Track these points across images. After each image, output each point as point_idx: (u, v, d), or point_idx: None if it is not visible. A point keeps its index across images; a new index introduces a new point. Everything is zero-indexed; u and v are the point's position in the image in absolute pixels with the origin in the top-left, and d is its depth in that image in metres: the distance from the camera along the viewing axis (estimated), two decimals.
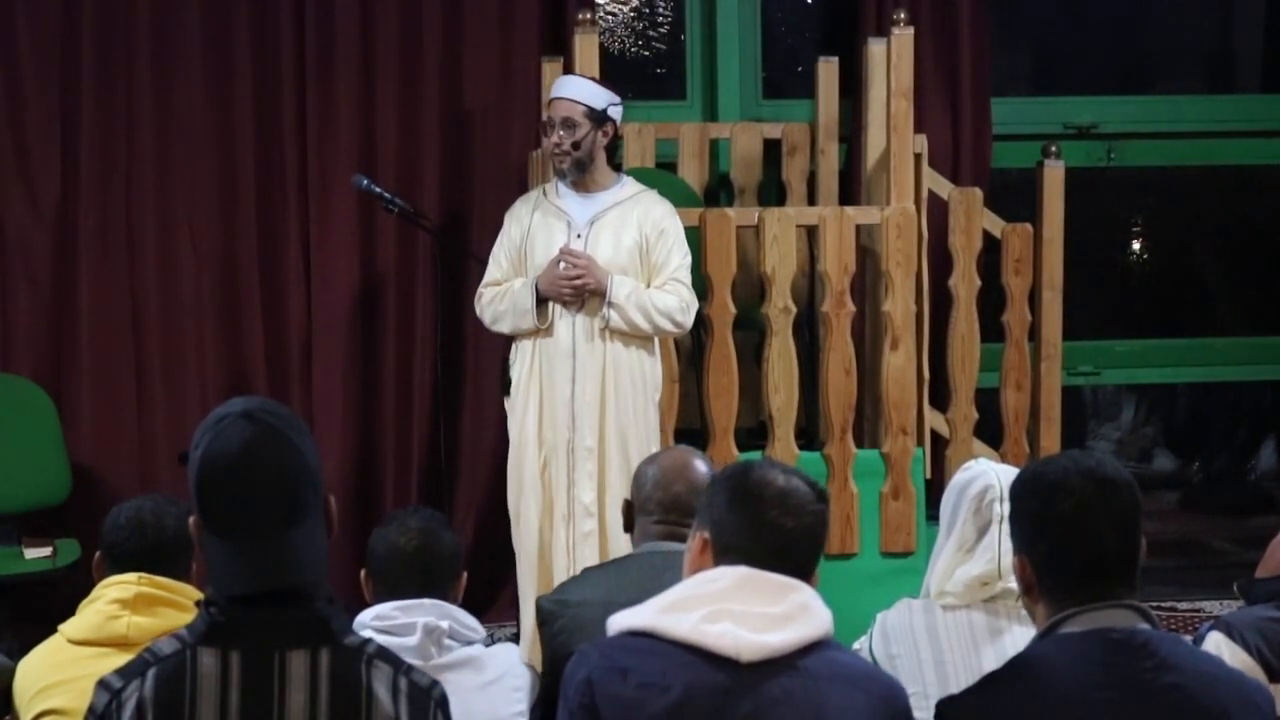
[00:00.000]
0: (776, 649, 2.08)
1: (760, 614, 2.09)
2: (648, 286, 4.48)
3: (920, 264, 5.09)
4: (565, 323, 4.46)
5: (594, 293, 4.42)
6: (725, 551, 2.17)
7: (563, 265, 4.41)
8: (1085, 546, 2.11)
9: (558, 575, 4.42)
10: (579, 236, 4.49)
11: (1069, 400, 5.81)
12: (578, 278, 4.39)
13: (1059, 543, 2.12)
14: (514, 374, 4.52)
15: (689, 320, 4.54)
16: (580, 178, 4.51)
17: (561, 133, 4.47)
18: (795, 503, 2.18)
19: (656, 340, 4.57)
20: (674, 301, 4.47)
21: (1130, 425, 7.86)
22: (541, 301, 4.44)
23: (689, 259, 4.57)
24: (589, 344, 4.45)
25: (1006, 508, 2.41)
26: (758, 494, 2.18)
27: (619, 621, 2.16)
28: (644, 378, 4.52)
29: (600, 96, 4.52)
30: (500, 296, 4.52)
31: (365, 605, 2.81)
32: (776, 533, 2.16)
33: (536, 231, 4.54)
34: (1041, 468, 2.20)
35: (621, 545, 4.42)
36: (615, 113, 4.55)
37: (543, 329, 4.46)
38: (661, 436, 4.66)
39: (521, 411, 4.51)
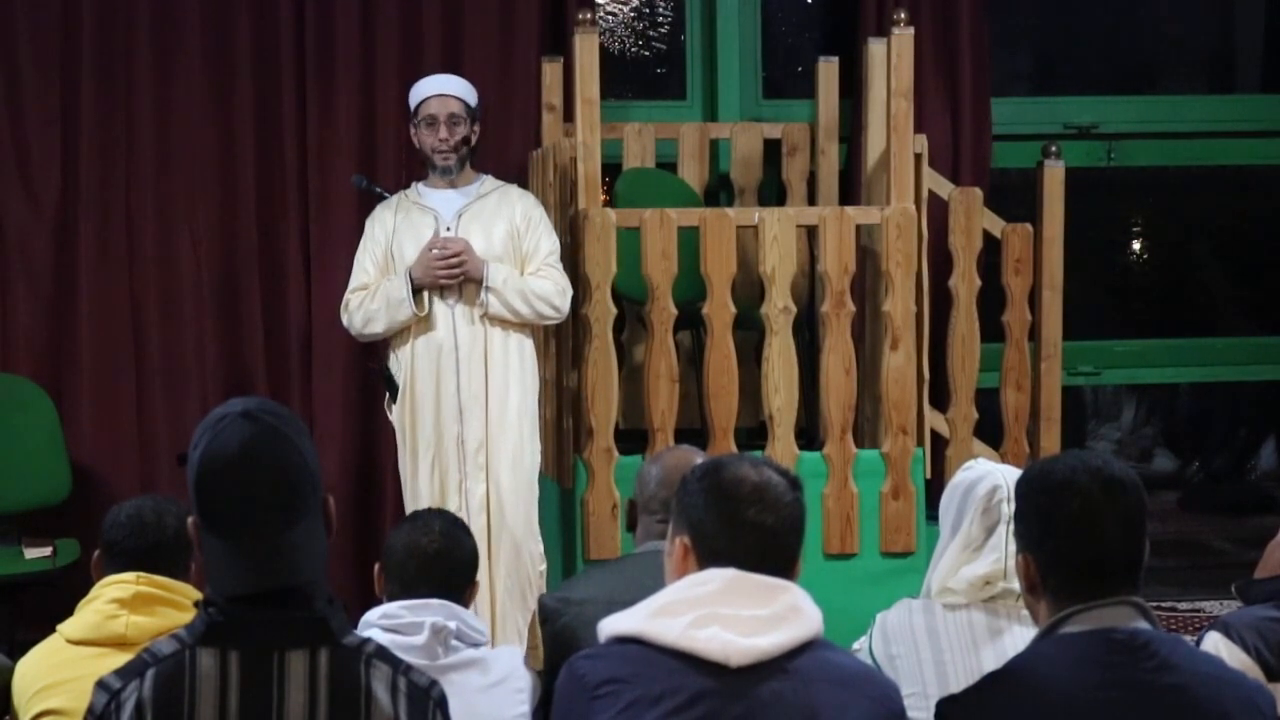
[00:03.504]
0: (766, 652, 2.07)
1: (750, 617, 2.08)
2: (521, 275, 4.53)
3: (920, 264, 5.09)
4: (444, 316, 4.48)
5: (471, 279, 4.44)
6: (709, 555, 2.15)
7: (436, 250, 4.43)
8: (1091, 545, 2.11)
9: None
10: (448, 229, 4.53)
11: (1069, 400, 5.81)
12: (455, 257, 4.41)
13: (1065, 541, 2.12)
14: (399, 378, 4.52)
15: (567, 305, 4.58)
16: (458, 175, 4.58)
17: (450, 129, 4.55)
18: (772, 497, 2.17)
19: (533, 337, 4.60)
20: (550, 286, 4.52)
21: (1130, 425, 7.87)
22: (415, 291, 4.45)
23: (558, 246, 4.63)
24: (470, 333, 4.48)
25: (1013, 507, 2.40)
26: (734, 493, 2.16)
27: (608, 627, 2.15)
28: (523, 368, 4.55)
29: (473, 94, 4.65)
30: (370, 297, 4.52)
31: (365, 604, 2.82)
32: (758, 531, 2.15)
33: (403, 230, 4.56)
34: (1049, 466, 2.20)
35: (510, 539, 4.45)
36: (478, 110, 4.66)
37: (420, 321, 4.46)
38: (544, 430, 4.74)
39: (411, 413, 4.51)
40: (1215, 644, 2.58)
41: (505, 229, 4.56)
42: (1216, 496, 7.33)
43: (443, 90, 4.60)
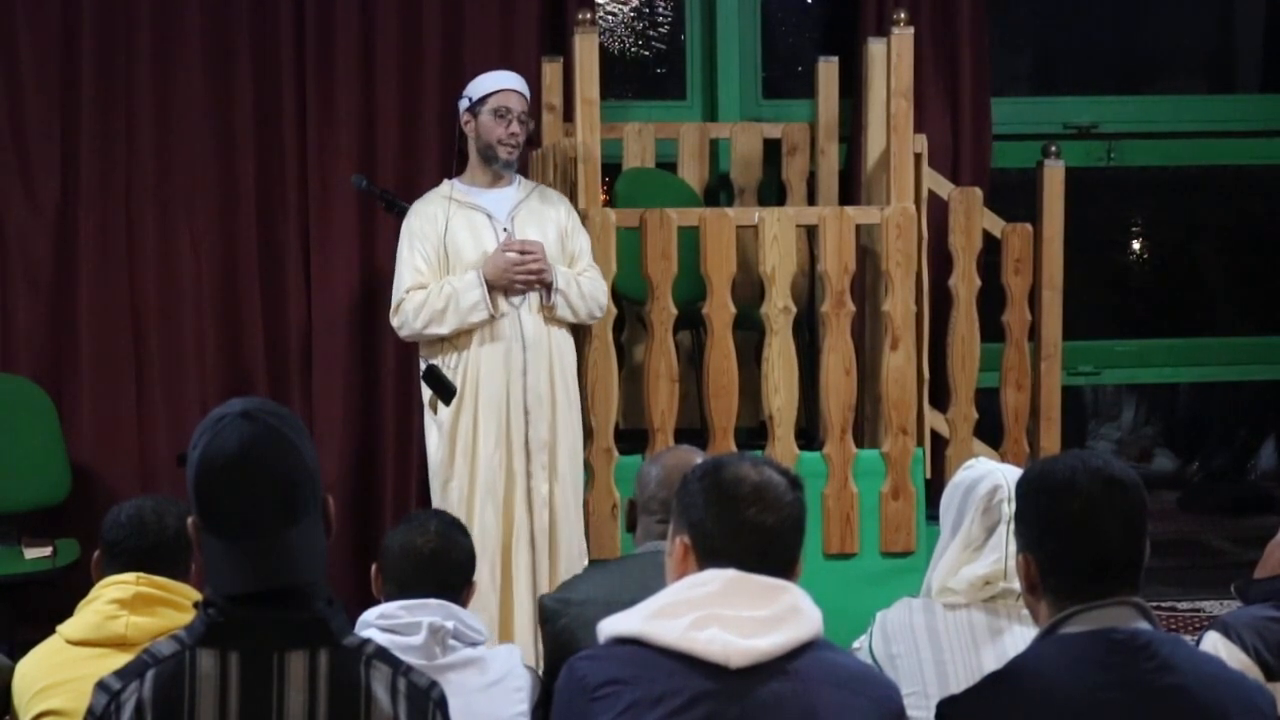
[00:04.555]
0: (765, 653, 2.07)
1: (749, 618, 2.08)
2: None
3: (920, 264, 5.09)
4: (511, 316, 4.47)
5: (542, 283, 4.46)
6: (710, 555, 2.15)
7: (512, 255, 4.42)
8: (1092, 546, 2.11)
9: (522, 575, 4.41)
10: (505, 230, 4.52)
11: (1069, 400, 5.81)
12: (535, 264, 4.41)
13: (1065, 542, 2.12)
14: (455, 380, 4.47)
15: (606, 303, 4.66)
16: (509, 171, 4.59)
17: (521, 126, 4.56)
18: (773, 496, 2.17)
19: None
20: (598, 286, 4.60)
21: (1130, 425, 7.87)
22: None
23: None
24: (535, 333, 4.48)
25: (1014, 507, 2.40)
26: (734, 492, 2.16)
27: (608, 628, 2.15)
28: (572, 366, 4.60)
29: None
30: (436, 295, 4.45)
31: (365, 605, 2.82)
32: (758, 531, 2.15)
33: (457, 228, 4.52)
34: (1049, 466, 2.20)
35: (568, 535, 4.47)
36: None
37: (492, 321, 4.43)
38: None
39: (471, 415, 4.46)
40: (1214, 644, 2.58)
41: (555, 230, 4.57)
42: (1216, 496, 7.33)
43: (516, 85, 4.59)
